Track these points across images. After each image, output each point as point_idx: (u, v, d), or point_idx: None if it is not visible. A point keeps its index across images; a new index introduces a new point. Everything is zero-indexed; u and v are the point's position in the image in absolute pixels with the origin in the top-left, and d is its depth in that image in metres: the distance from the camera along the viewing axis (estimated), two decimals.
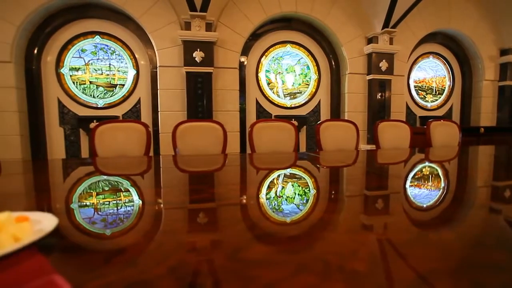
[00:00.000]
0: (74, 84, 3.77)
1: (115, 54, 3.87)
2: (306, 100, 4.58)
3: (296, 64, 4.51)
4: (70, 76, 3.75)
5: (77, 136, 3.83)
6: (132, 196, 0.87)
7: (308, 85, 4.59)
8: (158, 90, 3.79)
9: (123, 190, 0.97)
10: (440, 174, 1.30)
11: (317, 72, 4.60)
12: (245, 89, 4.31)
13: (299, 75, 4.54)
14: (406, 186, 1.00)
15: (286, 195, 0.87)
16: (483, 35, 5.01)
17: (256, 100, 4.39)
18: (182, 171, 1.44)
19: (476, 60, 5.15)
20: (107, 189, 0.99)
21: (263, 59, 4.37)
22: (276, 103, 4.46)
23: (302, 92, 4.57)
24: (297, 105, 4.55)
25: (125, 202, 0.79)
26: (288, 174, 1.27)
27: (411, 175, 1.26)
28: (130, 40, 3.88)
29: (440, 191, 0.94)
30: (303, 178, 1.18)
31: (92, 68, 3.82)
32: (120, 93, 3.92)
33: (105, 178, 1.22)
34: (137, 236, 0.55)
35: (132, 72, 3.93)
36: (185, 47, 3.65)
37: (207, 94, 3.76)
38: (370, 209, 0.75)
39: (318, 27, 4.46)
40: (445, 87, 5.30)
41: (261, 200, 0.81)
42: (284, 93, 4.51)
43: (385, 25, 4.15)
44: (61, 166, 1.66)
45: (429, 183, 1.08)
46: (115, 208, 0.73)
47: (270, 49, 4.39)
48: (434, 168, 1.47)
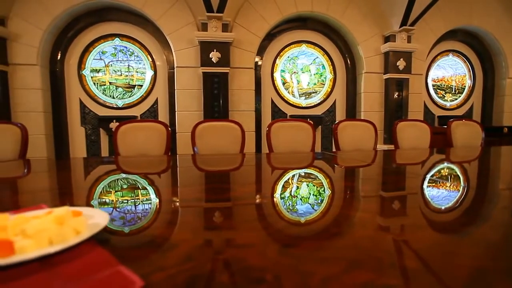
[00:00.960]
0: (95, 85, 3.90)
1: (134, 56, 3.97)
2: (322, 100, 4.55)
3: (312, 64, 4.48)
4: (91, 78, 3.88)
5: (98, 136, 3.94)
6: (166, 196, 0.90)
7: (324, 85, 4.55)
8: (175, 90, 3.86)
9: (156, 187, 1.00)
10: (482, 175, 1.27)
11: (333, 72, 4.56)
12: (261, 89, 4.33)
13: (315, 75, 4.51)
14: (461, 186, 0.98)
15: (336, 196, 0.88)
16: (507, 31, 4.83)
17: (272, 100, 4.40)
18: (218, 172, 1.46)
19: (499, 57, 4.97)
20: (141, 187, 1.03)
21: (278, 59, 4.37)
22: (291, 103, 4.45)
23: (318, 92, 4.54)
24: (312, 105, 4.53)
25: (166, 201, 0.82)
26: (328, 175, 1.27)
27: (452, 177, 1.24)
28: (148, 42, 3.97)
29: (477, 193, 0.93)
30: (336, 179, 1.18)
31: (112, 69, 3.93)
32: (138, 94, 4.01)
33: (138, 177, 1.26)
34: (185, 233, 0.57)
35: (150, 73, 4.02)
36: (202, 48, 3.70)
37: (223, 94, 3.80)
38: (412, 209, 0.75)
39: (334, 26, 4.42)
40: (465, 86, 5.14)
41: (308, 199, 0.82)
42: (299, 93, 4.49)
43: (403, 23, 4.06)
44: (96, 163, 1.72)
45: (467, 185, 1.06)
46: (154, 206, 0.76)
47: (285, 49, 4.39)
48: (472, 169, 1.44)
